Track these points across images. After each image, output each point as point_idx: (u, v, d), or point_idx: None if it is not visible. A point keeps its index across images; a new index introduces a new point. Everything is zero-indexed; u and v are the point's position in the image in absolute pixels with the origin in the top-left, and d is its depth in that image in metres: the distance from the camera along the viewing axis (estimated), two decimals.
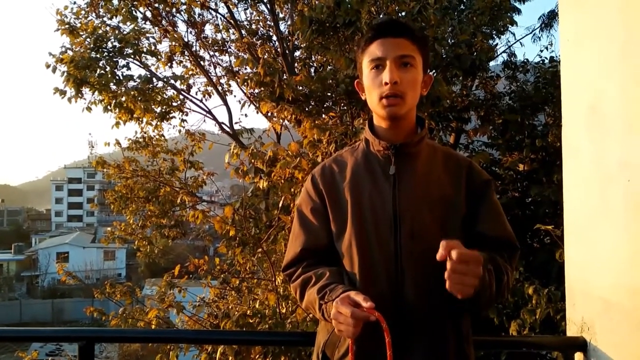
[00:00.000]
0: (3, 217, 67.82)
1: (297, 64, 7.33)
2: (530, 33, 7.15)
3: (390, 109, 1.25)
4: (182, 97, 8.28)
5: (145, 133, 8.38)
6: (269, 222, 4.42)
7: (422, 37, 1.34)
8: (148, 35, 7.89)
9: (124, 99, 7.03)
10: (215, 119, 8.77)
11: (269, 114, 4.89)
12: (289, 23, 7.26)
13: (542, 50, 8.53)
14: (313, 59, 7.02)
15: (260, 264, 4.55)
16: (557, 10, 5.58)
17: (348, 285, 1.23)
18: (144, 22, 7.92)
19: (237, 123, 8.51)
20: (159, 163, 8.44)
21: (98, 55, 7.02)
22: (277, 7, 7.57)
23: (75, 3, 7.68)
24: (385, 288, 1.22)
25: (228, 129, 8.57)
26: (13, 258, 39.97)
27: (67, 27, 7.29)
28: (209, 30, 12.46)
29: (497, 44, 6.10)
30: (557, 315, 3.05)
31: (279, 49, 7.11)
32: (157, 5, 7.82)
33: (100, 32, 7.35)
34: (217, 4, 8.31)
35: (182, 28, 8.46)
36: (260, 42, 8.13)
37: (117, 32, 7.56)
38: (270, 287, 3.73)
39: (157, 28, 8.12)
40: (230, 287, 4.67)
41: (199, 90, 8.75)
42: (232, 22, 8.26)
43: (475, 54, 4.70)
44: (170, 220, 8.16)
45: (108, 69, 6.98)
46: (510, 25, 6.16)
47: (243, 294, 4.28)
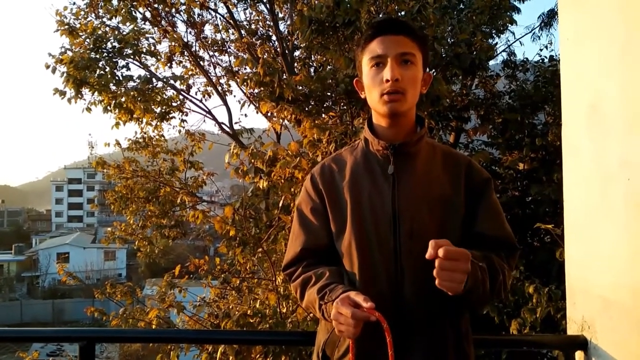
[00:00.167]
0: (3, 217, 67.86)
1: (296, 64, 7.33)
2: (530, 32, 7.14)
3: (392, 105, 1.24)
4: (181, 97, 8.27)
5: (145, 133, 8.38)
6: (269, 221, 4.42)
7: (421, 35, 1.35)
8: (147, 36, 7.89)
9: (124, 100, 7.03)
10: (215, 119, 8.77)
11: (269, 114, 4.88)
12: (289, 23, 7.25)
13: (541, 49, 8.42)
14: (313, 59, 7.02)
15: (261, 264, 4.55)
16: (556, 9, 5.56)
17: (348, 285, 1.23)
18: (144, 22, 7.91)
19: (237, 123, 8.51)
20: (159, 163, 8.43)
21: (98, 56, 7.03)
22: (276, 7, 7.56)
23: (75, 4, 7.70)
24: (385, 287, 1.22)
25: (228, 129, 8.57)
26: (13, 259, 39.97)
27: (66, 27, 7.29)
28: (209, 31, 12.44)
29: (496, 43, 6.11)
30: (557, 314, 3.06)
31: (279, 49, 7.10)
32: (156, 6, 7.81)
33: (100, 32, 7.36)
34: (216, 4, 8.32)
35: (181, 28, 8.51)
36: (260, 42, 8.13)
37: (116, 32, 7.56)
38: (271, 286, 3.73)
39: (156, 28, 8.11)
40: (231, 287, 4.68)
41: (199, 91, 8.76)
42: (231, 22, 8.25)
43: (475, 53, 4.70)
44: (171, 221, 8.15)
45: (108, 70, 6.99)
46: (510, 24, 6.16)
47: (243, 294, 4.28)
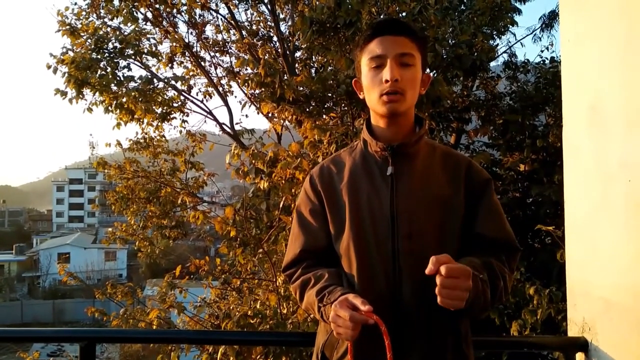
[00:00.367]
0: (4, 217, 67.92)
1: (297, 65, 7.34)
2: (531, 33, 7.17)
3: (391, 105, 1.24)
4: (182, 97, 8.28)
5: (146, 134, 8.38)
6: (270, 222, 4.42)
7: (421, 35, 1.34)
8: (149, 36, 7.89)
9: (125, 100, 7.04)
10: (216, 120, 8.79)
11: (270, 115, 4.89)
12: (290, 24, 7.27)
13: (542, 51, 8.54)
14: (314, 60, 7.01)
15: (261, 265, 4.55)
16: (557, 11, 5.56)
17: (347, 287, 1.23)
18: (145, 23, 7.93)
19: (237, 124, 8.54)
20: (160, 164, 8.42)
21: (99, 56, 7.03)
22: (277, 7, 7.57)
23: (76, 4, 7.71)
24: (384, 288, 1.22)
25: (229, 130, 8.58)
26: (14, 259, 39.99)
27: (68, 28, 7.29)
28: (210, 31, 12.50)
29: (497, 45, 6.12)
30: (558, 316, 3.06)
31: (280, 50, 7.12)
32: (157, 6, 7.83)
33: (101, 33, 7.37)
34: (217, 5, 8.33)
35: (182, 29, 8.52)
36: (261, 42, 8.14)
37: (118, 33, 7.57)
38: (271, 287, 3.73)
39: (157, 29, 8.13)
40: (231, 287, 4.67)
41: (200, 91, 8.77)
42: (232, 22, 8.27)
43: (476, 55, 4.70)
44: (171, 221, 8.13)
45: (109, 70, 6.99)
46: (511, 26, 6.17)
47: (244, 295, 4.28)
